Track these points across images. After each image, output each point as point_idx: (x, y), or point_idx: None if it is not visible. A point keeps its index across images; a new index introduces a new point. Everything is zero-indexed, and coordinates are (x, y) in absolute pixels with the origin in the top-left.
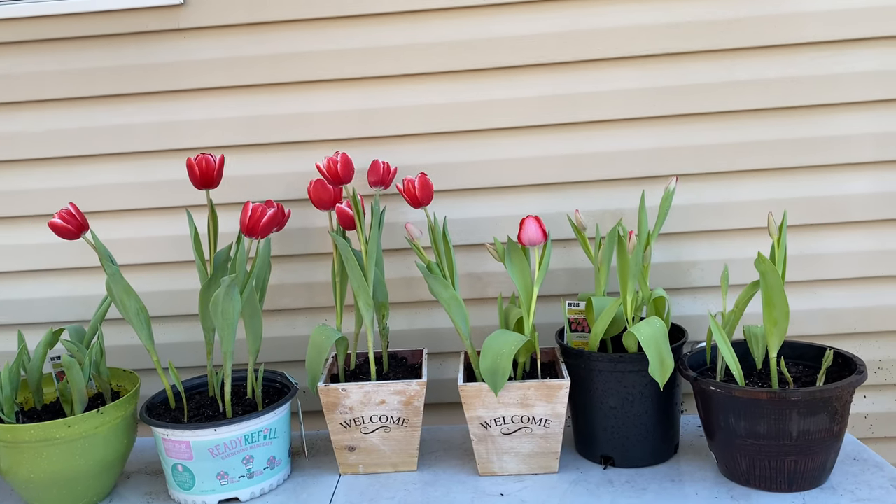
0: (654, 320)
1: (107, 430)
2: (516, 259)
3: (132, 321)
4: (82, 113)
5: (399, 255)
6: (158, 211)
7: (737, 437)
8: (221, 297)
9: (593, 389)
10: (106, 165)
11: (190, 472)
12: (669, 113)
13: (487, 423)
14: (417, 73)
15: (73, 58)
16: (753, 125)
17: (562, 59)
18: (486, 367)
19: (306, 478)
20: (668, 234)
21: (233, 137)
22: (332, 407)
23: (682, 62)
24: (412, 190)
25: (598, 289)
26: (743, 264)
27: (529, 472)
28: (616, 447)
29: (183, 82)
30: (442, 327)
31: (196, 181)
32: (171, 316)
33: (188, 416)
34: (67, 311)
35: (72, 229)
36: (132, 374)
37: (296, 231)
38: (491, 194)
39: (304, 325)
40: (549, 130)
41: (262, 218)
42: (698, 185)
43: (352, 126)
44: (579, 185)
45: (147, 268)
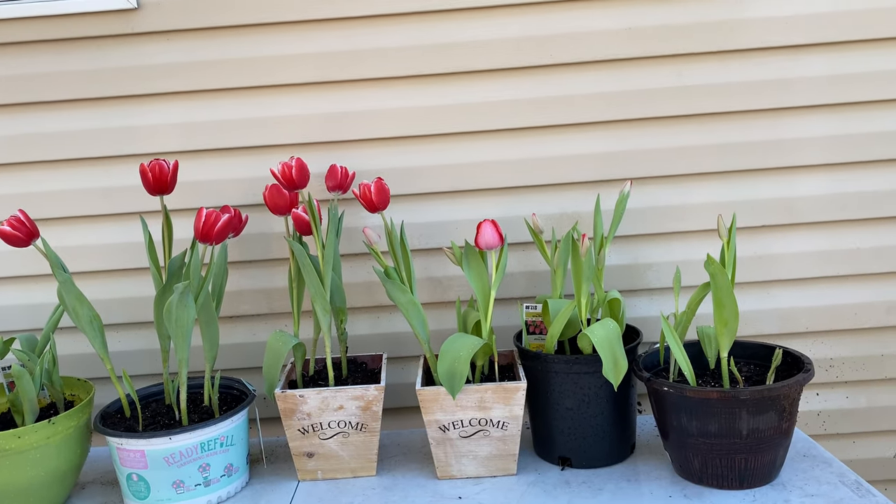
0: (607, 322)
1: (59, 441)
2: (474, 263)
3: (85, 329)
4: (32, 118)
5: (359, 260)
6: (112, 217)
7: (689, 436)
8: (175, 304)
9: (550, 391)
10: (57, 171)
11: (145, 482)
12: (623, 117)
13: (445, 426)
14: (377, 78)
15: (23, 62)
16: (706, 129)
17: (518, 65)
18: (443, 371)
19: (265, 485)
20: (624, 236)
21: (189, 142)
22: (289, 413)
23: (636, 67)
24: (368, 195)
25: (555, 291)
26: (697, 266)
27: (488, 475)
28: (573, 448)
29: (137, 87)
30: (403, 331)
31: (150, 187)
32: (126, 323)
33: (143, 424)
34: (19, 319)
35: (21, 237)
36: (86, 382)
37: (254, 236)
38: (449, 198)
39: (265, 331)
40: (506, 135)
41: (216, 224)
42: (653, 188)
43: (310, 130)
44: (536, 189)
45: (101, 275)
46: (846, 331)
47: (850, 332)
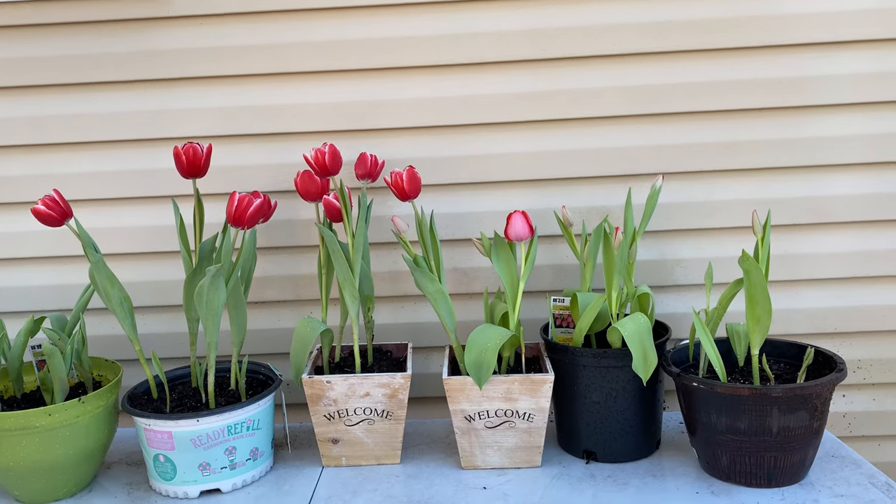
0: (638, 316)
1: (88, 420)
2: (503, 254)
3: (115, 310)
4: (68, 100)
5: (385, 249)
6: (142, 200)
7: (718, 433)
8: (206, 287)
9: (577, 384)
10: (91, 153)
11: (171, 463)
12: (657, 111)
13: (471, 416)
14: (407, 67)
15: (60, 44)
16: (740, 125)
17: (552, 56)
18: (470, 361)
19: (289, 469)
20: (653, 231)
21: (220, 127)
22: (315, 399)
23: (671, 61)
24: (400, 183)
25: (584, 285)
26: (726, 263)
27: (512, 466)
28: (598, 442)
29: (171, 71)
30: (427, 322)
31: (183, 170)
32: (154, 306)
33: (170, 406)
34: (49, 299)
35: (55, 216)
36: (114, 363)
37: (281, 223)
38: (478, 189)
39: (289, 317)
40: (538, 126)
41: (248, 208)
42: (684, 183)
43: (340, 118)
44: (566, 182)
45: (131, 257)
46: (875, 332)
47: (880, 333)
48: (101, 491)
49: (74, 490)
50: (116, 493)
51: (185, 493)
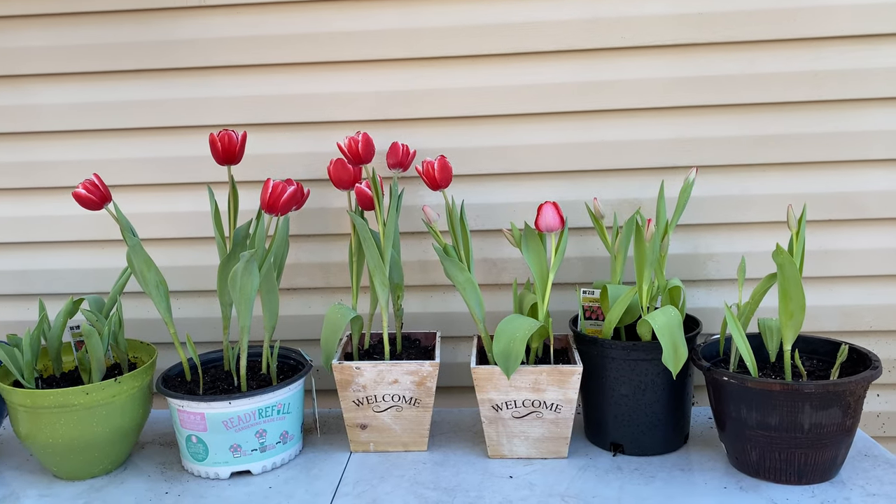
0: (669, 309)
1: (124, 399)
2: (533, 245)
3: (151, 293)
4: (108, 87)
5: (414, 239)
6: (179, 186)
7: (748, 428)
8: (240, 272)
9: (605, 377)
10: (129, 140)
11: (204, 444)
12: (691, 104)
13: (498, 405)
14: (439, 57)
15: (99, 32)
16: (775, 118)
17: (586, 47)
18: (499, 351)
19: (318, 454)
20: (685, 225)
21: (255, 115)
22: (345, 384)
23: (706, 53)
24: (431, 172)
25: (614, 277)
26: (759, 258)
27: (539, 457)
28: (626, 435)
29: (207, 59)
30: (455, 311)
31: (218, 157)
32: (187, 291)
33: (203, 388)
34: (87, 282)
35: (95, 200)
36: (149, 346)
37: (313, 211)
38: (507, 180)
39: (319, 304)
40: (570, 118)
41: (282, 195)
42: (717, 177)
43: (373, 108)
44: (597, 174)
45: (166, 242)
46: None
47: None
48: (135, 470)
49: (110, 468)
50: (150, 472)
51: (217, 473)
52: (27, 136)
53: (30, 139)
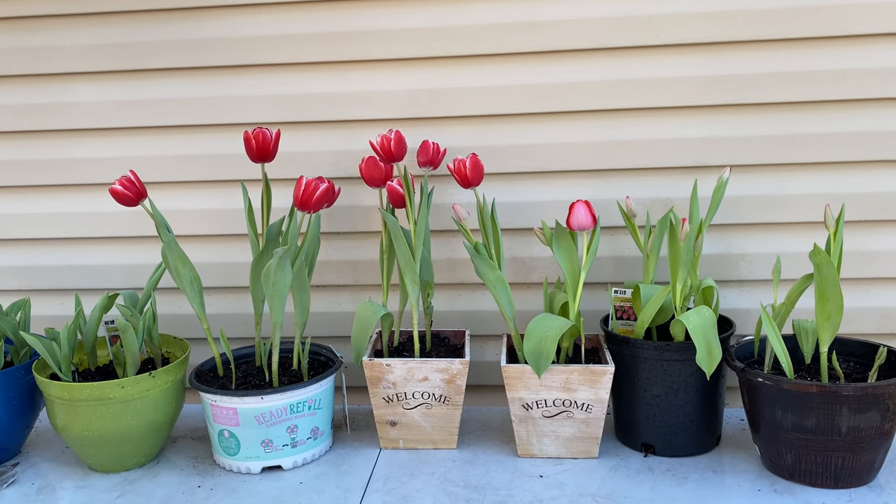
0: (702, 309)
1: (158, 394)
2: (564, 244)
3: (185, 289)
4: (142, 85)
5: (443, 237)
6: (213, 183)
7: (783, 430)
8: (273, 268)
9: (637, 377)
10: (164, 137)
11: (236, 439)
12: (725, 102)
13: (529, 405)
14: (469, 55)
15: (135, 31)
16: (810, 117)
17: (618, 45)
18: (529, 350)
19: (348, 450)
20: (717, 225)
21: (284, 114)
22: (375, 381)
23: (741, 50)
24: (463, 170)
25: (646, 277)
26: (793, 259)
27: (569, 456)
28: (658, 436)
29: (241, 58)
30: (483, 310)
31: (252, 154)
32: (219, 287)
33: (236, 383)
34: (120, 277)
35: (131, 196)
36: (182, 341)
37: (343, 209)
38: (538, 179)
39: (348, 301)
40: (602, 116)
41: (315, 192)
42: (750, 176)
43: (402, 106)
44: (628, 173)
45: (198, 239)
46: None
47: None
48: (168, 463)
49: (143, 461)
50: (182, 465)
51: (248, 468)
52: (64, 134)
53: (66, 136)
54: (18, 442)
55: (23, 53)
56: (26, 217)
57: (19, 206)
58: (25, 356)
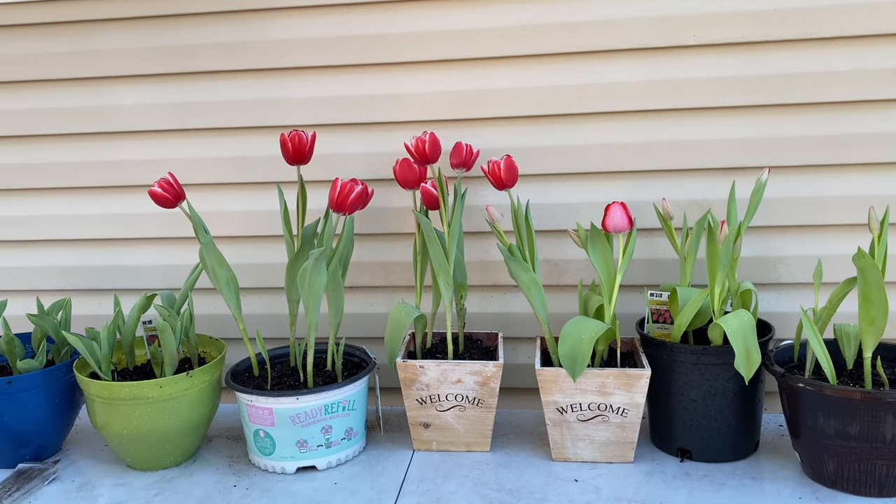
0: (741, 313)
1: (195, 393)
2: (599, 246)
3: (222, 289)
4: (181, 88)
5: (475, 238)
6: (247, 185)
7: (825, 437)
8: (309, 270)
9: (674, 381)
10: (201, 140)
11: (271, 439)
12: (764, 102)
13: (563, 408)
14: (503, 57)
15: (174, 35)
16: (850, 117)
17: (654, 45)
18: (564, 353)
19: (381, 451)
20: (755, 227)
21: (318, 116)
22: (409, 383)
23: (779, 50)
24: (497, 171)
25: (683, 280)
26: (834, 261)
27: (604, 460)
28: (694, 440)
29: (276, 61)
30: (515, 312)
31: (288, 157)
32: (252, 288)
33: (271, 384)
34: (156, 278)
35: (170, 198)
36: (218, 341)
37: (375, 210)
38: (571, 180)
39: (380, 302)
40: (637, 117)
41: (350, 194)
42: (789, 177)
43: (435, 108)
44: (664, 174)
45: (233, 240)
46: None
47: None
48: (204, 462)
49: (180, 460)
50: (218, 465)
51: (283, 468)
52: (104, 136)
53: (106, 139)
54: (59, 439)
55: (66, 58)
56: (67, 218)
57: (61, 207)
58: (66, 355)
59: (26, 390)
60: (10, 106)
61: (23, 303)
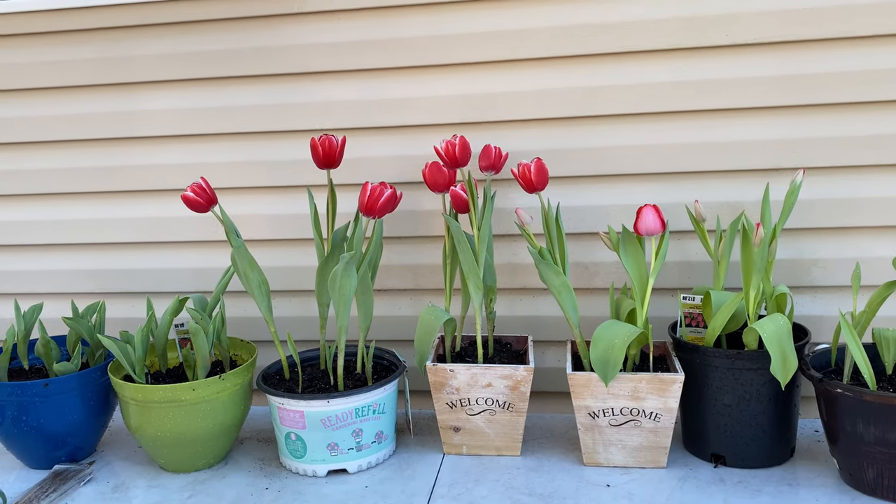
0: (777, 317)
1: (227, 396)
2: (631, 249)
3: (253, 292)
4: (213, 93)
5: (503, 242)
6: (276, 189)
7: (864, 443)
8: (340, 273)
9: (707, 386)
10: (232, 144)
11: (302, 441)
12: (797, 103)
13: (595, 413)
14: (530, 59)
15: (204, 40)
16: (887, 117)
17: (684, 45)
18: (596, 357)
19: (411, 454)
20: (789, 229)
21: (347, 120)
22: (439, 386)
23: (813, 49)
24: (527, 174)
25: (717, 283)
26: (871, 264)
27: (636, 466)
28: (728, 446)
29: (306, 65)
30: (543, 315)
31: (319, 160)
32: (282, 291)
33: (301, 387)
34: (187, 281)
35: (202, 202)
36: (249, 344)
37: (404, 214)
38: (601, 182)
39: (408, 305)
40: (668, 118)
41: (380, 198)
42: (825, 178)
43: (463, 111)
44: (696, 176)
45: (263, 244)
46: None
47: None
48: (235, 465)
49: (212, 462)
50: (250, 467)
51: (314, 471)
52: (138, 141)
53: (140, 144)
54: (94, 441)
55: (99, 64)
56: (100, 222)
57: (94, 211)
58: (101, 358)
59: (62, 392)
60: (45, 112)
61: (57, 306)
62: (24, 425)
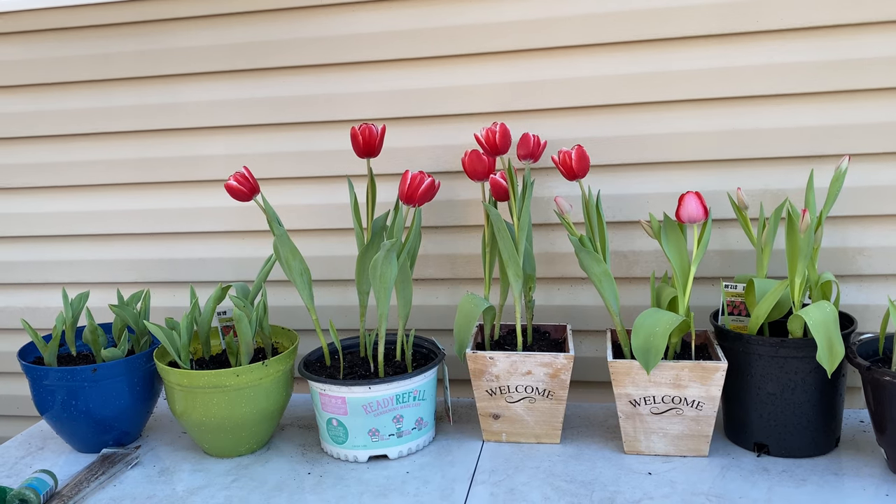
0: (823, 304)
1: (269, 382)
2: (672, 237)
3: (295, 281)
4: (253, 84)
5: (541, 230)
6: (317, 179)
7: None
8: (380, 261)
9: (750, 374)
10: (273, 135)
11: (344, 427)
12: (843, 88)
13: (636, 401)
14: (568, 46)
15: (245, 32)
16: None
17: (727, 31)
18: (638, 345)
19: (450, 441)
20: (833, 217)
21: (388, 110)
22: (478, 374)
23: (859, 34)
24: (568, 162)
25: (760, 271)
26: None
27: (677, 454)
28: (772, 435)
29: (346, 55)
30: (581, 304)
31: (359, 150)
32: (324, 280)
33: (343, 373)
34: (228, 270)
35: (245, 191)
36: (290, 331)
37: (441, 203)
38: (641, 170)
39: (445, 294)
40: (710, 104)
41: (419, 186)
42: (870, 165)
43: (501, 99)
44: (736, 163)
45: (303, 233)
46: None
47: None
48: (277, 451)
49: (255, 447)
50: (291, 453)
51: (355, 456)
52: (180, 133)
53: (183, 135)
54: (140, 426)
55: (138, 57)
56: (144, 213)
57: (138, 202)
58: (146, 345)
59: (110, 378)
60: (87, 104)
61: (103, 294)
62: (74, 410)
